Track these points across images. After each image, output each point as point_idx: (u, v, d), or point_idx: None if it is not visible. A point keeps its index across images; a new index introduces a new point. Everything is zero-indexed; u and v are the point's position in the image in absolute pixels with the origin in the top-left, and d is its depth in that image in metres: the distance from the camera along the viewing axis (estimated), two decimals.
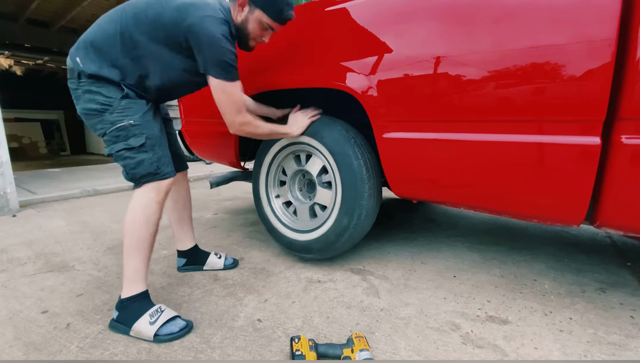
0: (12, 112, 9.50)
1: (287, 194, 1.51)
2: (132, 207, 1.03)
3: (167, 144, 1.12)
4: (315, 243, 1.37)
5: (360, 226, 1.27)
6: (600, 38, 0.76)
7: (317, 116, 1.33)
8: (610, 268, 1.33)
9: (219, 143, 1.72)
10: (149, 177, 1.03)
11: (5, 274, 1.43)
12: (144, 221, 1.02)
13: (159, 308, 1.01)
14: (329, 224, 1.33)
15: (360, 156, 1.22)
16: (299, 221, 1.49)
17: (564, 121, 0.84)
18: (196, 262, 1.41)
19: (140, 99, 1.05)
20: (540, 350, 0.88)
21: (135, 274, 1.03)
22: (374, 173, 1.27)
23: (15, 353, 0.92)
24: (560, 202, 0.92)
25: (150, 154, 1.02)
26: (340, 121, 1.31)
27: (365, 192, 1.23)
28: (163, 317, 0.98)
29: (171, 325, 0.98)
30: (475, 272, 1.32)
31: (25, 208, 2.76)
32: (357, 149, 1.23)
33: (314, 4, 1.24)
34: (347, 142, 1.24)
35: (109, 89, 1.01)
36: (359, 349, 0.83)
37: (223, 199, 2.85)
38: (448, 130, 1.01)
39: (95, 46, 1.01)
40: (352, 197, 1.24)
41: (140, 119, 1.02)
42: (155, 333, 0.95)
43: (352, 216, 1.25)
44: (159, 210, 1.05)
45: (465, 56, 0.93)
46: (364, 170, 1.22)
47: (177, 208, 1.36)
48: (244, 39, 1.14)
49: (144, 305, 1.01)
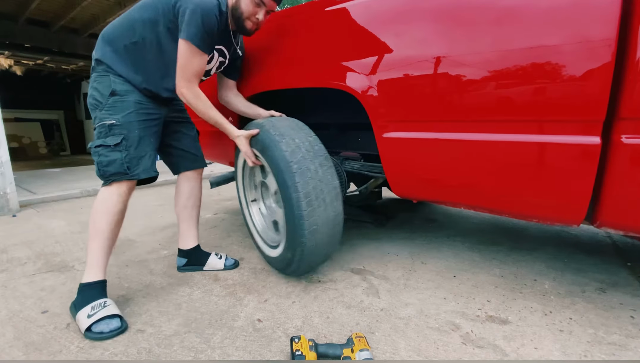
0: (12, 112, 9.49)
1: (260, 201, 1.49)
2: (95, 201, 1.10)
3: (152, 145, 1.16)
4: (274, 262, 1.32)
5: (305, 260, 1.14)
6: (600, 38, 0.75)
7: (255, 131, 1.20)
8: (610, 268, 1.33)
9: (219, 143, 1.72)
10: (118, 176, 1.08)
11: (5, 274, 1.43)
12: (103, 212, 1.07)
13: (103, 302, 1.02)
14: (280, 249, 1.25)
15: (300, 188, 1.04)
16: (268, 231, 1.44)
17: (564, 120, 0.84)
18: (197, 262, 1.41)
19: (132, 95, 1.10)
20: (540, 350, 0.88)
21: (94, 261, 1.07)
22: (325, 206, 1.09)
23: (15, 353, 0.92)
24: (560, 202, 0.92)
25: (123, 154, 1.07)
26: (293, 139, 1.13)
27: (305, 230, 1.07)
28: (102, 313, 0.99)
29: (105, 323, 0.98)
30: (475, 272, 1.32)
31: (25, 208, 2.77)
32: (299, 178, 1.05)
33: (314, 4, 1.24)
34: (288, 169, 1.06)
35: (103, 85, 1.09)
36: (359, 349, 0.83)
37: (223, 199, 2.85)
38: (448, 130, 1.01)
39: (106, 34, 1.13)
40: (292, 231, 1.11)
41: (122, 119, 1.07)
42: (87, 327, 0.97)
43: (295, 251, 1.13)
44: (119, 202, 1.09)
45: (465, 56, 0.93)
46: (304, 204, 1.05)
47: (188, 206, 1.39)
48: (239, 20, 1.17)
49: (93, 294, 1.04)
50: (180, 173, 1.39)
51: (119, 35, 1.12)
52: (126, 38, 1.11)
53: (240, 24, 1.18)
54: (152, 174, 1.15)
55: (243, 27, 1.19)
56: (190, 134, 1.39)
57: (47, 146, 10.63)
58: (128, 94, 1.10)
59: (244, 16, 1.15)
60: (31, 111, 10.30)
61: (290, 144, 1.11)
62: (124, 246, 1.74)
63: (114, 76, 1.10)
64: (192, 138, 1.40)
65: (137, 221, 2.20)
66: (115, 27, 1.13)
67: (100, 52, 1.12)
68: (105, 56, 1.11)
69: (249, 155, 1.24)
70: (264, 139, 1.16)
